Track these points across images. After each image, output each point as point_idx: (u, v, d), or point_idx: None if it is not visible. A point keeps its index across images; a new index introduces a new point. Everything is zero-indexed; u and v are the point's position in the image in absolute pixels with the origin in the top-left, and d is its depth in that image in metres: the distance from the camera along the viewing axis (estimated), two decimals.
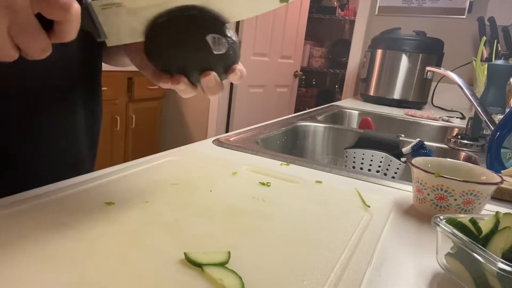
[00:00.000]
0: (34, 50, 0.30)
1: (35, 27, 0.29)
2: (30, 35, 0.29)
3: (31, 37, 0.29)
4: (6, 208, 0.37)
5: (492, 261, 0.29)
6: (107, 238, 0.34)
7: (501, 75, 1.07)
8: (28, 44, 0.29)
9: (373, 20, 2.37)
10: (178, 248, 0.33)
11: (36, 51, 0.30)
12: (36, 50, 0.30)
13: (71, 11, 0.29)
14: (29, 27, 0.28)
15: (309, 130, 1.13)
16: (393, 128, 1.47)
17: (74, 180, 0.47)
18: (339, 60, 3.99)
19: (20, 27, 0.28)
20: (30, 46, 0.30)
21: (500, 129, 0.72)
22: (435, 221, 0.35)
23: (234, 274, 0.30)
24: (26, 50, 0.30)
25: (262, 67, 2.90)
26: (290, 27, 3.07)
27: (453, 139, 0.99)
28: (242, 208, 0.43)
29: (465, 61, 1.91)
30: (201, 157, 0.62)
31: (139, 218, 0.38)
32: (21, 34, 0.29)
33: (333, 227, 0.41)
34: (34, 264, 0.29)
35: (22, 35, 0.29)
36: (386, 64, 1.84)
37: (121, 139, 2.41)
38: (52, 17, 0.29)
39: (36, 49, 0.30)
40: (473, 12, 2.08)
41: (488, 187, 0.47)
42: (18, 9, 0.27)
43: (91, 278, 0.28)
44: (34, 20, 0.29)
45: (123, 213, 0.39)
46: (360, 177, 0.63)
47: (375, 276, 0.35)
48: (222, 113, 2.78)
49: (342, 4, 3.94)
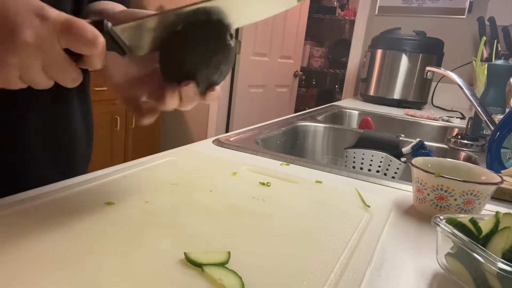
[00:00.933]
0: (66, 80, 0.32)
1: (64, 62, 0.31)
2: (61, 69, 0.31)
3: (62, 70, 0.32)
4: (6, 208, 0.37)
5: (492, 261, 0.29)
6: (107, 238, 0.34)
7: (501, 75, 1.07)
8: (60, 77, 0.32)
9: (373, 20, 2.37)
10: (178, 248, 0.33)
11: (68, 81, 0.33)
12: (68, 80, 0.33)
13: (97, 45, 0.31)
14: (59, 62, 0.31)
15: (309, 130, 1.13)
16: (393, 128, 1.47)
17: (74, 180, 0.47)
18: (339, 60, 3.99)
19: (51, 63, 0.31)
20: (62, 78, 0.32)
21: (500, 129, 0.72)
22: (435, 221, 0.35)
23: (234, 274, 0.30)
24: (59, 81, 0.32)
25: (262, 67, 2.90)
26: (290, 27, 3.07)
27: (453, 139, 0.99)
28: (242, 208, 0.43)
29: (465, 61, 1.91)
30: (201, 157, 0.62)
31: (139, 218, 0.38)
32: (53, 69, 0.31)
33: (333, 227, 0.41)
34: (34, 264, 0.29)
35: (54, 70, 0.31)
36: (386, 64, 1.84)
37: (121, 139, 2.41)
38: (81, 52, 0.31)
39: (68, 80, 0.32)
40: (473, 12, 2.07)
41: (488, 187, 0.47)
42: (47, 48, 0.30)
43: (91, 278, 0.28)
44: (63, 55, 0.31)
45: (123, 213, 0.39)
46: (360, 177, 0.63)
47: (375, 276, 0.35)
48: (222, 113, 2.78)
49: (342, 4, 3.94)
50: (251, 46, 2.72)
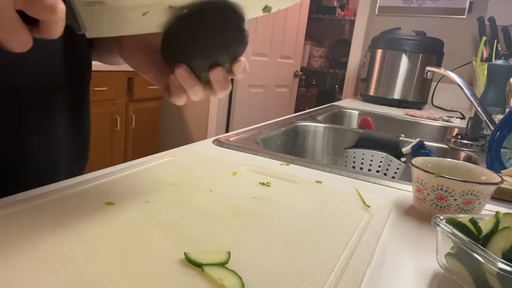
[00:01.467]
0: (15, 44, 0.29)
1: (16, 23, 0.28)
2: (10, 30, 0.28)
3: (11, 32, 0.28)
4: (6, 208, 0.37)
5: (492, 261, 0.29)
6: (107, 238, 0.34)
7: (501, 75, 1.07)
8: (7, 39, 0.28)
9: (373, 20, 2.37)
10: (178, 248, 0.33)
11: (18, 45, 0.29)
12: (18, 44, 0.29)
13: (57, 11, 0.28)
14: (10, 23, 0.28)
15: (309, 130, 1.13)
16: (393, 128, 1.47)
17: (74, 180, 0.47)
18: (339, 60, 3.99)
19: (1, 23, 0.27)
20: (10, 41, 0.29)
21: (500, 129, 0.72)
22: (435, 221, 0.35)
23: (234, 274, 0.30)
24: (7, 44, 0.29)
25: (262, 67, 2.90)
26: (290, 27, 3.07)
27: (453, 139, 0.99)
28: (242, 208, 0.43)
29: (465, 61, 1.91)
30: (201, 157, 0.62)
31: (139, 218, 0.38)
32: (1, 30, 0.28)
33: (333, 227, 0.41)
34: (34, 264, 0.29)
35: (2, 31, 0.28)
36: (386, 64, 1.84)
37: (121, 139, 2.41)
38: (37, 17, 0.28)
39: (17, 44, 0.29)
40: (473, 12, 2.08)
41: (488, 187, 0.47)
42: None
43: (91, 278, 0.28)
44: (15, 16, 0.28)
45: (123, 213, 0.39)
46: (360, 177, 0.63)
47: (375, 276, 0.35)
48: (222, 113, 2.78)
49: (342, 4, 3.94)
50: (251, 46, 2.72)
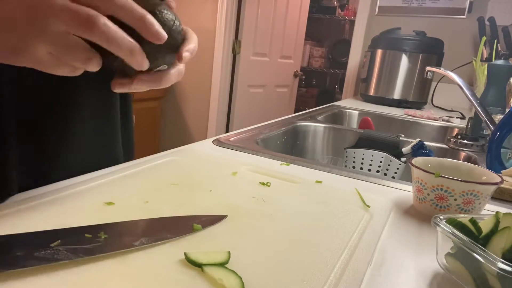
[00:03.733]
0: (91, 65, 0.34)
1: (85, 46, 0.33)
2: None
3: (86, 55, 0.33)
4: (7, 208, 0.37)
5: (492, 261, 0.29)
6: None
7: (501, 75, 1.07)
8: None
9: (373, 20, 2.37)
10: (178, 248, 0.33)
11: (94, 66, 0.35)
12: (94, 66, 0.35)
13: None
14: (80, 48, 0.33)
15: (309, 130, 1.13)
16: (393, 128, 1.47)
17: (74, 180, 0.47)
18: (339, 60, 3.99)
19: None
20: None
21: (500, 129, 0.72)
22: (435, 221, 0.35)
23: (234, 274, 0.30)
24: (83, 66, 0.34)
25: (262, 67, 2.90)
26: (290, 27, 3.07)
27: (453, 139, 0.99)
28: (242, 208, 0.43)
29: (465, 61, 1.91)
30: (201, 157, 0.62)
31: (139, 218, 0.38)
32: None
33: (333, 227, 0.41)
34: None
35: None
36: (386, 64, 1.84)
37: None
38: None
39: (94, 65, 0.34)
40: (473, 12, 2.07)
41: (488, 187, 0.47)
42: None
43: (91, 278, 0.28)
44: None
45: (123, 213, 0.39)
46: (360, 177, 0.63)
47: (375, 276, 0.35)
48: (222, 113, 2.78)
49: (342, 4, 3.94)
50: (251, 46, 2.73)
